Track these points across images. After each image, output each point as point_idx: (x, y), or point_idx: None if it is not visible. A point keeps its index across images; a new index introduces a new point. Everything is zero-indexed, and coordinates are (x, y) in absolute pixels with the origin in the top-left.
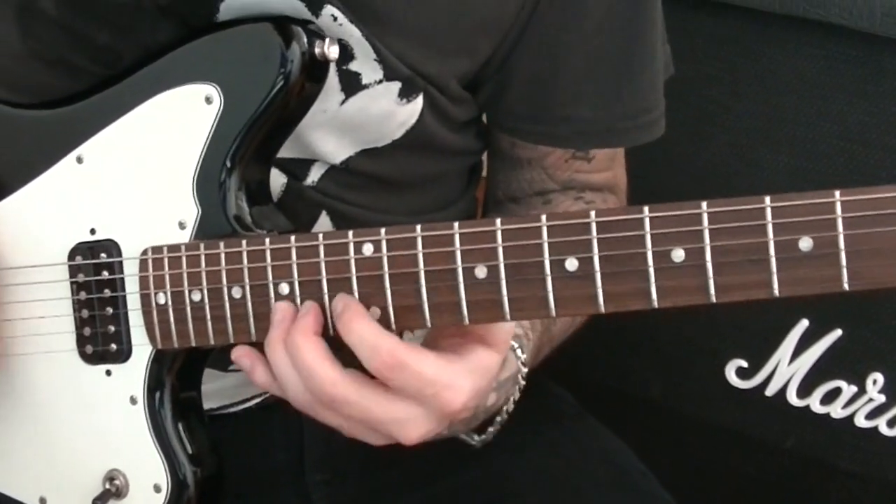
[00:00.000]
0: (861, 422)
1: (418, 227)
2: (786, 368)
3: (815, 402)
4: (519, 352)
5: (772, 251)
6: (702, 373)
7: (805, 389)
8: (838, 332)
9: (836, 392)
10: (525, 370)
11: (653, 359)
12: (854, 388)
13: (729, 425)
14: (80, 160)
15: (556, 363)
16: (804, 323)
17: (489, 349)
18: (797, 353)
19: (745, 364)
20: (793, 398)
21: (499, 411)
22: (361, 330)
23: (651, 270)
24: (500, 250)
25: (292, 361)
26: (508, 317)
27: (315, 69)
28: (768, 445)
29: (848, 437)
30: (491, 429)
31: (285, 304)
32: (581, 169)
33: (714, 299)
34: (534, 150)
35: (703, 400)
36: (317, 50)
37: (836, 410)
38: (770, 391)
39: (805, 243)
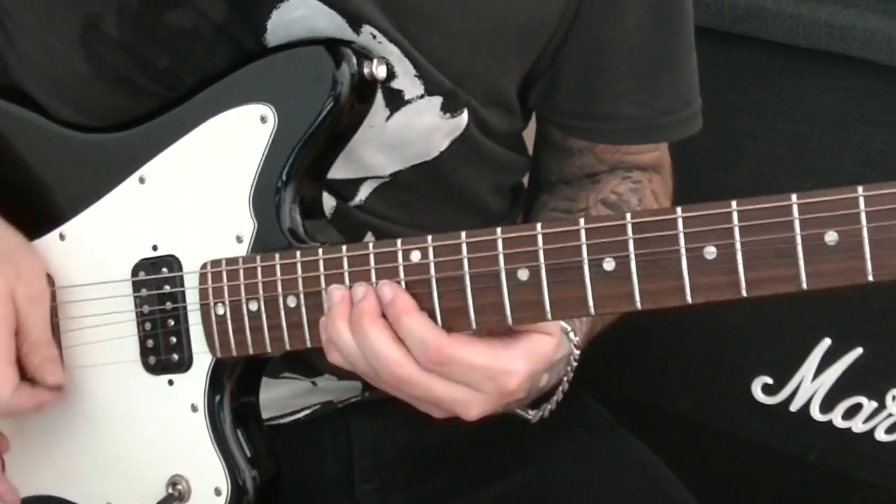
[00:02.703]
0: (881, 436)
1: (463, 234)
2: (809, 385)
3: (837, 417)
4: (571, 335)
5: (799, 246)
6: (729, 389)
7: (828, 405)
8: (859, 351)
9: (857, 407)
10: (577, 352)
11: (682, 375)
12: (874, 404)
13: (755, 439)
14: (142, 180)
15: (589, 378)
16: (827, 341)
17: (545, 335)
18: (820, 370)
19: (770, 381)
20: (816, 413)
21: (553, 390)
22: (411, 323)
23: (685, 268)
24: (541, 253)
25: (358, 343)
26: (549, 316)
27: (364, 89)
28: (793, 458)
29: (869, 450)
30: (548, 405)
31: (341, 287)
32: (629, 151)
33: (745, 294)
34: (584, 141)
35: (731, 414)
36: (365, 70)
37: (858, 425)
38: (794, 406)
39: (830, 237)
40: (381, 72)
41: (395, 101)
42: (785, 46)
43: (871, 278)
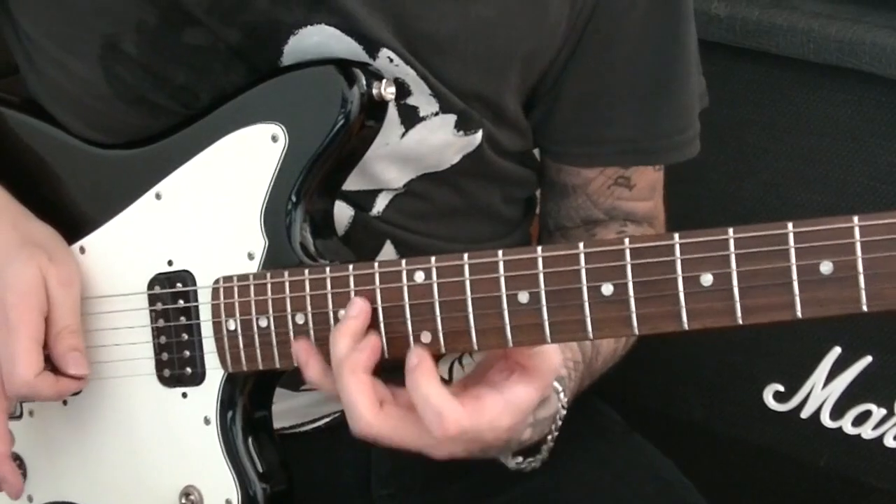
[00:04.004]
0: (890, 442)
1: (465, 256)
2: (820, 392)
3: (847, 424)
4: (562, 395)
5: (794, 275)
6: (741, 396)
7: (838, 412)
8: (868, 359)
9: (866, 414)
10: (563, 412)
11: (695, 383)
12: (883, 411)
13: (766, 445)
14: (158, 196)
15: (603, 386)
16: (837, 350)
17: (528, 386)
18: (830, 378)
19: (781, 388)
20: (826, 420)
21: (537, 446)
22: (429, 391)
23: (681, 294)
24: (541, 277)
25: (339, 390)
26: (549, 339)
27: (374, 109)
28: (803, 464)
29: (878, 456)
30: (532, 461)
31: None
32: (622, 196)
33: (741, 321)
34: (577, 177)
35: (743, 421)
36: (374, 91)
37: (867, 431)
38: (805, 413)
39: (826, 267)
40: (389, 92)
41: (410, 117)
42: (796, 61)
43: (865, 308)
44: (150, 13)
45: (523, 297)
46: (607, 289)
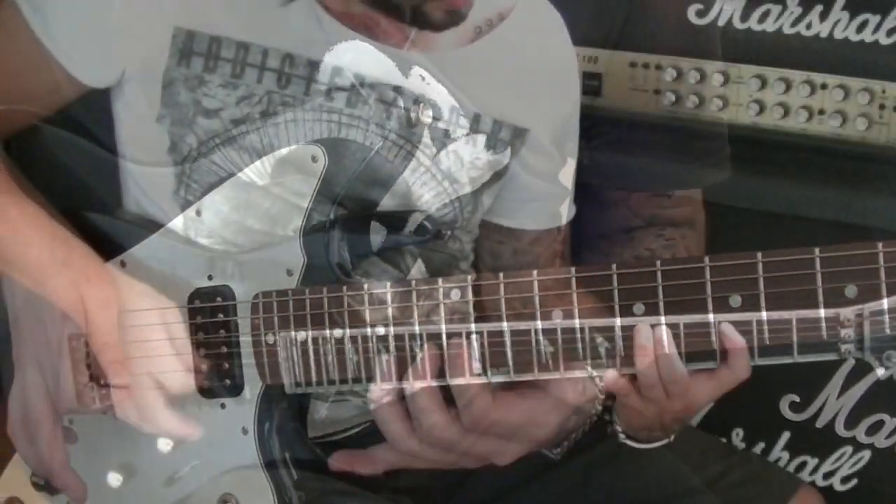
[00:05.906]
0: None
1: (501, 275)
2: (834, 402)
3: (860, 433)
4: (598, 380)
5: (820, 297)
6: (759, 406)
7: (852, 421)
8: (881, 370)
9: (879, 424)
10: (602, 396)
11: None
12: None
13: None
14: (199, 213)
15: None
16: (850, 361)
17: (571, 381)
18: (844, 388)
19: (797, 399)
20: (841, 429)
21: (574, 428)
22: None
23: (711, 315)
24: (574, 296)
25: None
26: (581, 356)
27: (409, 131)
28: (817, 470)
29: (890, 463)
30: (566, 443)
31: None
32: (662, 205)
33: (768, 342)
34: (618, 192)
35: (759, 429)
36: (412, 114)
37: (880, 440)
38: (820, 423)
39: (851, 290)
40: (426, 116)
41: (442, 139)
42: (807, 76)
43: (888, 331)
44: (182, 31)
45: (558, 315)
46: (639, 308)
